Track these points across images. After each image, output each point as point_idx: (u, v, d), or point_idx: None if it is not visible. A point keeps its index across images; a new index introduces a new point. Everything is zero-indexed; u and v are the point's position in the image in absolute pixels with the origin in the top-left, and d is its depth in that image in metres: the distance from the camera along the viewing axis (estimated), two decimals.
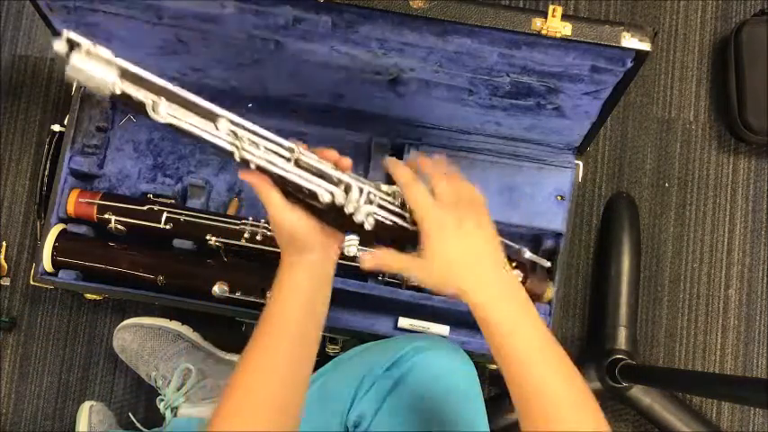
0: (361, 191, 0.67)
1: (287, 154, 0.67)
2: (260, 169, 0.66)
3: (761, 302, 1.23)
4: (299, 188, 0.67)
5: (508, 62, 0.90)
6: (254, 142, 0.67)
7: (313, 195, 0.67)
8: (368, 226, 0.68)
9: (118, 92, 0.63)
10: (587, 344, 1.20)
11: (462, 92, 0.99)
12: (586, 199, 1.24)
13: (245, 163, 0.65)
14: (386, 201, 0.69)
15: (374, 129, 1.10)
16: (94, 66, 0.61)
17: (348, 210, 0.67)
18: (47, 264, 1.07)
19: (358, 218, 0.67)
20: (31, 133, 1.25)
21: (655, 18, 1.29)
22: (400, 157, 1.09)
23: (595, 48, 0.83)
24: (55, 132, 1.11)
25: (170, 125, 0.64)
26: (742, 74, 1.21)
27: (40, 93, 1.26)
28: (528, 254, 0.79)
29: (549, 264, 0.86)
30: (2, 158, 1.24)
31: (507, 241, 0.73)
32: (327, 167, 0.68)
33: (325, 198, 0.67)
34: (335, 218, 0.69)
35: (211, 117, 0.67)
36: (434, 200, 0.64)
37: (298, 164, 0.67)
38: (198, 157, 1.16)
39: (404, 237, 0.69)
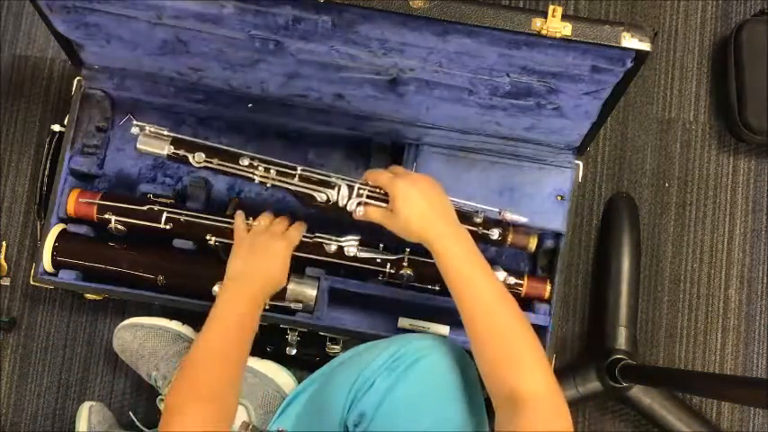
0: (350, 188, 0.94)
1: (292, 172, 0.97)
2: (274, 187, 0.97)
3: (761, 302, 1.23)
4: (302, 195, 0.96)
5: (508, 62, 0.90)
6: (267, 168, 0.96)
7: (312, 198, 0.96)
8: (358, 213, 0.92)
9: (171, 153, 0.98)
10: (587, 344, 1.20)
11: (462, 92, 0.99)
12: (586, 199, 1.24)
13: (263, 184, 0.97)
14: (374, 193, 0.93)
15: (374, 129, 1.10)
16: (154, 139, 0.99)
17: (341, 204, 0.94)
18: (47, 264, 1.07)
19: (349, 208, 0.94)
20: (31, 133, 1.25)
21: (655, 18, 1.29)
22: (400, 157, 1.10)
23: (595, 48, 0.83)
24: (55, 132, 1.11)
25: (206, 168, 0.98)
26: (742, 74, 1.21)
27: (40, 93, 1.26)
28: (508, 214, 1.00)
29: (525, 219, 1.01)
30: (2, 158, 1.24)
31: (486, 207, 1.00)
32: (325, 176, 0.96)
33: (321, 198, 0.95)
34: (334, 210, 0.95)
35: (235, 156, 0.97)
36: (391, 175, 0.89)
37: (301, 178, 0.96)
38: None
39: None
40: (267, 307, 1.03)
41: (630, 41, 0.81)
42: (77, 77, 1.10)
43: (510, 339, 0.78)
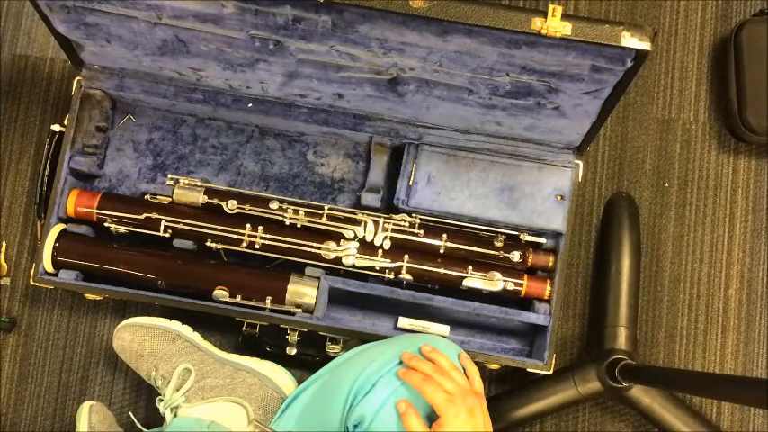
0: (375, 223, 1.03)
1: (319, 212, 1.03)
2: (304, 228, 1.02)
3: (761, 302, 1.22)
4: (331, 233, 1.03)
5: (508, 62, 0.90)
6: (296, 210, 1.03)
7: (341, 235, 1.03)
8: (386, 246, 1.02)
9: (206, 201, 1.05)
10: (587, 344, 1.20)
11: (462, 91, 0.99)
12: (586, 199, 1.24)
13: (293, 226, 1.03)
14: (399, 225, 1.02)
15: (374, 129, 1.10)
16: (189, 190, 1.06)
17: (368, 239, 1.02)
18: (47, 264, 1.07)
19: (377, 243, 1.03)
20: (31, 133, 1.25)
21: (655, 18, 1.29)
22: (400, 157, 1.09)
23: (595, 47, 0.83)
24: (55, 132, 1.11)
25: (239, 214, 1.04)
26: (742, 74, 1.21)
27: (40, 93, 1.26)
28: (527, 237, 1.06)
29: (544, 240, 1.07)
30: (2, 158, 1.24)
31: (506, 231, 1.06)
32: (351, 213, 1.03)
33: (350, 235, 1.03)
34: (363, 244, 1.03)
35: (265, 201, 1.04)
36: (448, 396, 0.80)
37: (328, 217, 1.03)
38: (198, 156, 1.16)
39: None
40: (268, 309, 1.04)
41: (630, 41, 0.81)
42: (77, 77, 1.10)
43: None
